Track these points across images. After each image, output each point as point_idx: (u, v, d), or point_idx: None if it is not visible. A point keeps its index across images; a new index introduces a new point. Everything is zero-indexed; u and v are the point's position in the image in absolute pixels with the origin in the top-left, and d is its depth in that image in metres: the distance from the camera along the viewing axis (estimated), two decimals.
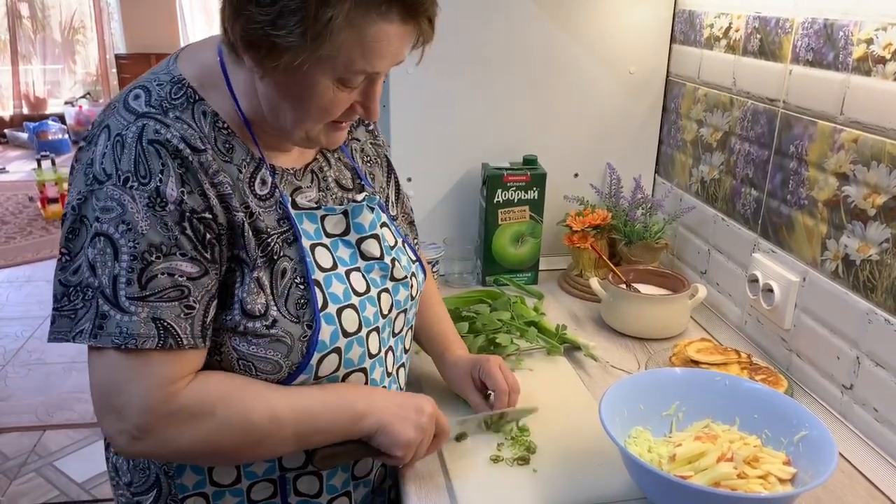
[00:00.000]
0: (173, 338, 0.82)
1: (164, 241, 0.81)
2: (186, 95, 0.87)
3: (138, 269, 0.80)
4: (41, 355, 3.36)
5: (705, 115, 1.57)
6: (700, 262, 1.62)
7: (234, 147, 0.89)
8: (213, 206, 0.84)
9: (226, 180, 0.86)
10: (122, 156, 0.82)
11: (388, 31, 0.81)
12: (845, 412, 1.18)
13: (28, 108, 7.73)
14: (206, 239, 0.84)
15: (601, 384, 1.26)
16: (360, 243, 0.99)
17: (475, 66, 1.62)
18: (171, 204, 0.81)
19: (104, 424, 0.84)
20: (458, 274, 1.66)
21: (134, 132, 0.83)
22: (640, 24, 1.67)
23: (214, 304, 0.86)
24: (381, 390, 0.98)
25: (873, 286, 1.10)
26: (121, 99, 0.88)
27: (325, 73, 0.82)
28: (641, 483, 0.93)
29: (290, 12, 0.76)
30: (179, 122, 0.85)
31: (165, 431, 0.83)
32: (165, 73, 0.89)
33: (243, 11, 0.79)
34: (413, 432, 0.94)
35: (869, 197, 1.10)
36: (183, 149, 0.83)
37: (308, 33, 0.77)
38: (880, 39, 1.06)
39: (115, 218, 0.80)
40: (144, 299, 0.80)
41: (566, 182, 1.76)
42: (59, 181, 5.17)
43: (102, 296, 0.80)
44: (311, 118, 0.87)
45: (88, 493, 2.48)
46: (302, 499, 1.01)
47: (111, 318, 0.80)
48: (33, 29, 7.62)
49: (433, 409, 0.98)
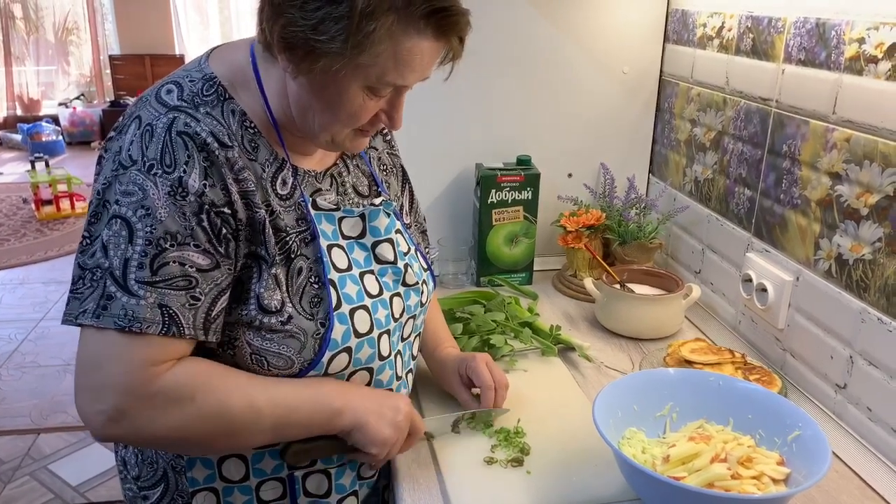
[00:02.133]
0: (176, 326, 0.82)
1: (180, 230, 0.82)
2: (217, 93, 0.89)
3: (151, 255, 0.81)
4: (35, 358, 3.35)
5: (699, 114, 1.57)
6: (694, 262, 1.62)
7: (259, 146, 0.90)
8: (235, 202, 0.85)
9: (250, 177, 0.87)
10: (149, 144, 0.83)
11: (422, 47, 0.82)
12: (839, 411, 1.18)
13: (22, 109, 7.71)
14: (222, 234, 0.85)
15: (595, 385, 1.26)
16: (374, 247, 1.00)
17: (468, 66, 1.61)
18: (192, 195, 0.82)
19: (80, 403, 0.83)
20: (452, 274, 1.65)
21: (164, 123, 0.84)
22: (634, 24, 1.67)
23: (224, 298, 0.87)
24: (359, 387, 0.97)
25: (866, 285, 1.10)
26: (153, 92, 0.89)
27: (357, 80, 0.83)
28: (635, 484, 0.93)
29: (334, 20, 0.78)
30: (209, 117, 0.86)
31: (142, 415, 0.83)
32: (197, 71, 0.91)
33: (285, 13, 0.80)
34: (389, 431, 0.95)
35: (861, 196, 1.10)
36: (211, 143, 0.84)
37: (349, 41, 0.79)
38: (872, 39, 1.06)
39: (136, 202, 0.81)
40: (154, 284, 0.81)
41: (560, 182, 1.76)
42: (52, 183, 5.16)
43: (111, 277, 0.81)
44: (340, 123, 0.89)
45: (83, 496, 2.47)
46: (312, 499, 1.02)
47: (117, 299, 0.80)
48: (27, 30, 7.60)
49: (409, 409, 0.99)
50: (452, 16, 0.82)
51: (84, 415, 0.84)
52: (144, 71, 7.49)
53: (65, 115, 7.38)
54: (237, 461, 0.97)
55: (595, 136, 1.75)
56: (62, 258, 4.54)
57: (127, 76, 7.54)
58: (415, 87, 0.91)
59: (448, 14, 0.81)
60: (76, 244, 4.14)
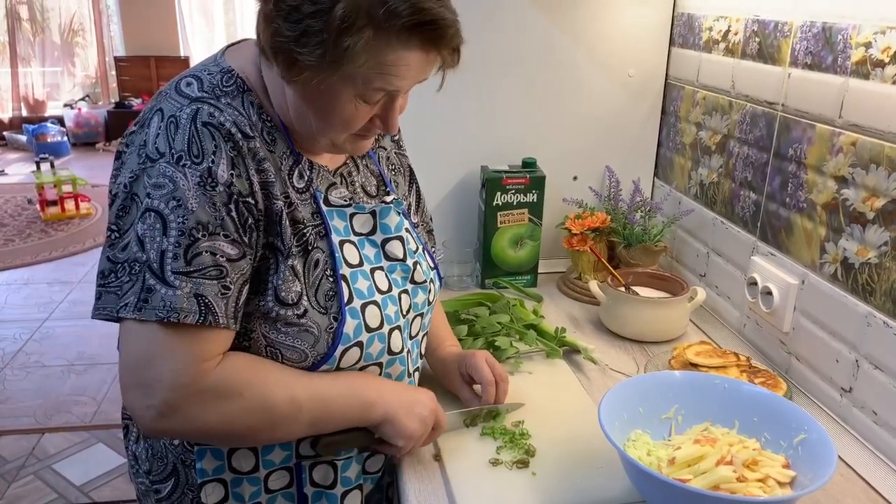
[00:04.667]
0: (212, 315, 0.83)
1: (211, 220, 0.83)
2: (237, 84, 0.90)
3: (185, 245, 0.82)
4: (40, 358, 3.36)
5: (704, 118, 1.58)
6: (699, 265, 1.62)
7: (277, 140, 0.92)
8: (256, 192, 0.86)
9: (270, 168, 0.88)
10: (175, 135, 0.84)
11: (408, 58, 0.82)
12: (844, 415, 1.18)
13: (27, 110, 7.73)
14: (248, 223, 0.86)
15: (600, 387, 1.26)
16: (384, 244, 1.01)
17: (474, 68, 1.62)
18: (221, 185, 0.83)
19: (130, 399, 0.85)
20: (457, 277, 1.65)
21: (188, 114, 0.85)
22: (639, 27, 1.67)
23: (246, 288, 0.88)
24: (389, 382, 1.00)
25: (872, 289, 1.10)
26: (172, 86, 0.90)
27: (347, 88, 0.84)
28: (640, 486, 0.93)
29: (313, 34, 0.78)
30: (231, 108, 0.87)
31: (190, 409, 0.84)
32: (214, 65, 0.92)
33: (273, 23, 0.81)
34: (416, 425, 0.97)
35: (868, 200, 1.10)
36: (235, 133, 0.85)
37: (327, 56, 0.79)
38: (879, 43, 1.06)
39: (167, 194, 0.82)
40: (188, 275, 0.82)
41: (565, 185, 1.76)
42: (57, 183, 5.17)
43: (150, 270, 0.82)
44: (335, 129, 0.89)
45: (87, 495, 2.48)
46: (317, 490, 1.02)
47: (156, 291, 0.81)
48: (33, 31, 7.63)
49: (434, 405, 1.01)
50: (438, 29, 0.80)
51: (133, 410, 0.86)
52: (150, 72, 7.51)
53: (70, 116, 7.40)
54: (247, 452, 0.98)
55: (600, 139, 1.75)
56: (67, 259, 4.55)
57: (132, 78, 7.56)
58: (419, 90, 0.91)
59: (433, 27, 0.80)
60: (80, 245, 4.14)
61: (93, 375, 3.22)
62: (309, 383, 0.91)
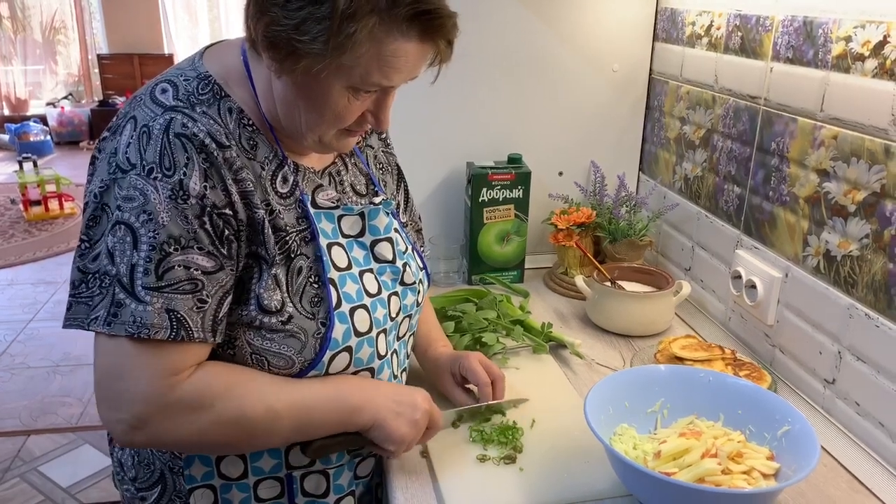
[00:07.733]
0: (185, 330, 0.82)
1: (183, 233, 0.81)
2: (213, 91, 0.88)
3: (156, 260, 0.80)
4: (24, 359, 3.33)
5: (688, 112, 1.58)
6: (684, 259, 1.63)
7: (258, 144, 0.90)
8: (235, 203, 0.85)
9: (248, 177, 0.87)
10: (147, 146, 0.82)
11: (407, 49, 0.82)
12: (827, 406, 1.19)
13: (9, 109, 7.65)
14: (224, 235, 0.84)
15: (587, 382, 1.27)
16: (373, 246, 1.00)
17: (459, 64, 1.61)
18: (193, 198, 0.82)
19: (102, 412, 0.85)
20: (443, 273, 1.65)
21: (161, 124, 0.83)
22: (623, 22, 1.68)
23: (228, 299, 0.87)
24: (378, 384, 0.98)
25: (854, 281, 1.11)
26: (147, 92, 0.88)
27: (341, 80, 0.83)
28: (626, 480, 0.94)
29: (316, 20, 0.77)
30: (206, 117, 0.85)
31: (162, 422, 0.83)
32: (191, 70, 0.90)
33: (269, 11, 0.79)
34: (406, 428, 0.96)
35: (849, 193, 1.11)
36: (209, 144, 0.83)
37: (330, 42, 0.78)
38: (859, 37, 1.07)
39: (137, 207, 0.81)
40: (160, 290, 0.81)
41: (551, 180, 1.76)
42: (41, 183, 5.12)
43: (119, 284, 0.81)
44: (325, 123, 0.88)
45: (73, 497, 2.46)
46: (309, 499, 1.02)
47: (126, 306, 0.80)
48: (13, 29, 7.54)
49: (427, 405, 0.99)
50: (437, 18, 0.81)
51: (106, 423, 0.85)
52: (133, 70, 7.44)
53: (53, 114, 7.33)
54: (236, 459, 0.97)
55: (585, 135, 1.75)
56: (51, 259, 4.51)
57: (115, 75, 7.49)
58: (405, 86, 0.90)
59: (433, 17, 0.80)
60: (65, 245, 4.09)
61: (79, 376, 3.19)
62: (289, 391, 0.90)
